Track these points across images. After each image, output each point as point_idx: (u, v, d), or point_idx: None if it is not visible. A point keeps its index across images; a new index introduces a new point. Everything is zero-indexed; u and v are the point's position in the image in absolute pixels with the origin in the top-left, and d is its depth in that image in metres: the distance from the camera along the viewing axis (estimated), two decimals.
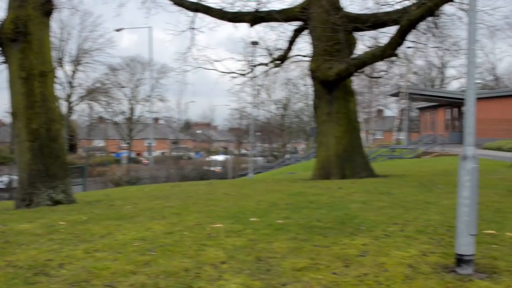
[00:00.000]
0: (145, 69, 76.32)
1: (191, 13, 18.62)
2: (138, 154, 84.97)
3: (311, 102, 25.73)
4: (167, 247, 6.29)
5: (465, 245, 5.35)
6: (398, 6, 16.49)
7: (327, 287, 4.94)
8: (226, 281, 5.08)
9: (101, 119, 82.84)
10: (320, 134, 16.91)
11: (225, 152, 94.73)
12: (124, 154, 76.56)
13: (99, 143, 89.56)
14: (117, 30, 63.79)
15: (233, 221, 7.85)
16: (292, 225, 7.46)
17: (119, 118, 79.19)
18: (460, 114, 45.73)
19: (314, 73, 16.86)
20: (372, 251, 6.06)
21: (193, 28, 18.99)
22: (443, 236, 6.84)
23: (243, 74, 19.35)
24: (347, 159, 16.27)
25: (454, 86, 74.31)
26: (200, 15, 18.65)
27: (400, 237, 6.77)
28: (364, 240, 6.57)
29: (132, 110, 79.31)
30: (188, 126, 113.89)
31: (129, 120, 79.07)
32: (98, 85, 71.28)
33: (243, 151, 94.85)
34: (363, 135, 33.21)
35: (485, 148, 34.86)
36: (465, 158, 5.42)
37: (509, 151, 26.67)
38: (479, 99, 40.73)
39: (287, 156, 68.29)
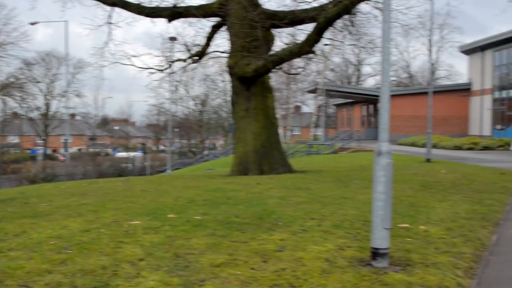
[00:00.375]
0: (61, 64, 74.18)
1: (108, 8, 18.22)
2: (54, 151, 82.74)
3: (229, 98, 25.74)
4: (83, 245, 6.11)
5: (380, 239, 5.45)
6: (315, 4, 16.70)
7: (245, 282, 4.91)
8: (144, 278, 4.97)
9: (15, 114, 79.81)
10: (238, 130, 16.90)
11: (143, 148, 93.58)
12: (40, 150, 74.47)
13: (13, 139, 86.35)
14: (32, 24, 61.29)
15: (151, 218, 7.73)
16: (210, 221, 7.40)
17: (34, 114, 76.85)
18: (376, 110, 47.01)
19: (232, 69, 16.84)
20: (290, 246, 6.09)
21: (110, 23, 18.57)
22: (359, 230, 6.97)
23: (161, 70, 19.05)
24: (265, 155, 16.33)
25: (370, 83, 76.24)
26: (117, 9, 18.29)
27: (317, 232, 6.84)
28: (282, 235, 6.60)
29: (47, 105, 77.08)
30: (105, 122, 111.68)
31: (45, 116, 76.77)
32: (12, 80, 68.62)
33: (161, 147, 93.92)
34: (280, 131, 33.52)
35: (400, 144, 35.93)
36: (379, 153, 5.51)
37: (423, 146, 27.57)
38: (393, 96, 42.17)
39: (206, 152, 68.12)
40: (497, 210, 9.28)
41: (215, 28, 18.38)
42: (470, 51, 42.52)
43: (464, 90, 43.46)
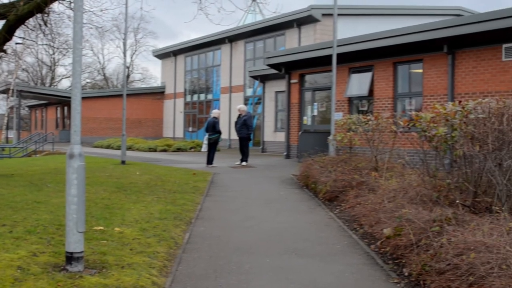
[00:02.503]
0: None
1: None
2: None
3: None
4: None
5: (74, 243, 5.41)
6: (6, 0, 15.75)
7: None
8: None
9: None
10: None
11: None
12: None
13: None
14: None
15: None
16: None
17: None
18: (70, 112, 46.02)
19: None
20: None
21: None
22: (53, 235, 6.80)
23: None
24: None
25: (64, 84, 74.35)
26: None
27: (9, 238, 6.51)
28: None
29: None
30: None
31: None
32: None
33: None
34: None
35: (96, 146, 35.71)
36: (72, 156, 5.46)
37: (118, 148, 27.80)
38: (89, 98, 41.61)
39: None
40: (189, 209, 9.83)
41: None
42: (163, 55, 44.13)
43: (158, 93, 44.94)
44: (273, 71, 25.26)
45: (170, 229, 7.84)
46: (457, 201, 6.95)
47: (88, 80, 72.55)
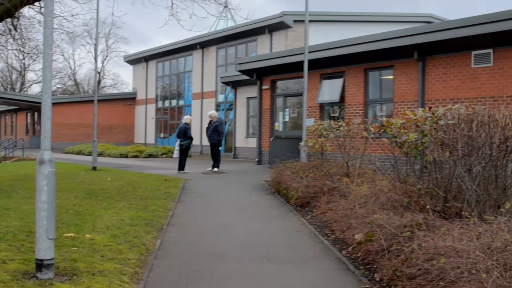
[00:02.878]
0: None
1: None
2: None
3: None
4: None
5: (44, 250, 5.34)
6: None
7: None
8: None
9: None
10: None
11: None
12: None
13: None
14: None
15: None
16: None
17: None
18: (40, 118, 45.44)
19: None
20: None
21: None
22: (23, 242, 6.72)
23: None
24: None
25: (35, 90, 73.43)
26: None
27: None
28: None
29: None
30: None
31: None
32: None
33: None
34: None
35: (67, 152, 35.38)
36: (42, 162, 5.40)
37: (90, 154, 27.56)
38: (59, 103, 41.14)
39: None
40: (160, 216, 9.79)
41: None
42: (134, 61, 43.88)
43: (130, 99, 44.68)
44: (245, 77, 25.29)
45: (141, 236, 7.79)
46: (428, 207, 7.03)
47: (59, 86, 71.88)
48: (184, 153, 19.06)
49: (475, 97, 14.90)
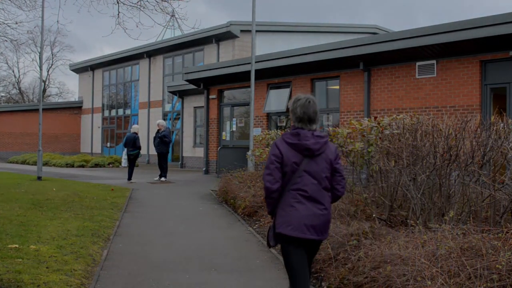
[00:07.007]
0: None
1: None
2: None
3: None
4: None
5: None
6: None
7: None
8: None
9: None
10: None
11: None
12: None
13: None
14: None
15: None
16: None
17: None
18: None
19: None
20: None
21: None
22: None
23: None
24: None
25: None
26: None
27: None
28: None
29: None
30: None
31: None
32: None
33: None
34: None
35: (11, 162, 34.59)
36: None
37: (34, 164, 26.97)
38: (3, 112, 40.19)
39: None
40: (107, 226, 9.64)
41: None
42: (80, 69, 43.20)
43: (75, 108, 43.92)
44: (192, 86, 25.22)
45: (87, 246, 7.66)
46: (374, 215, 7.14)
47: (3, 94, 70.00)
48: (132, 162, 18.83)
49: (420, 107, 15.24)
